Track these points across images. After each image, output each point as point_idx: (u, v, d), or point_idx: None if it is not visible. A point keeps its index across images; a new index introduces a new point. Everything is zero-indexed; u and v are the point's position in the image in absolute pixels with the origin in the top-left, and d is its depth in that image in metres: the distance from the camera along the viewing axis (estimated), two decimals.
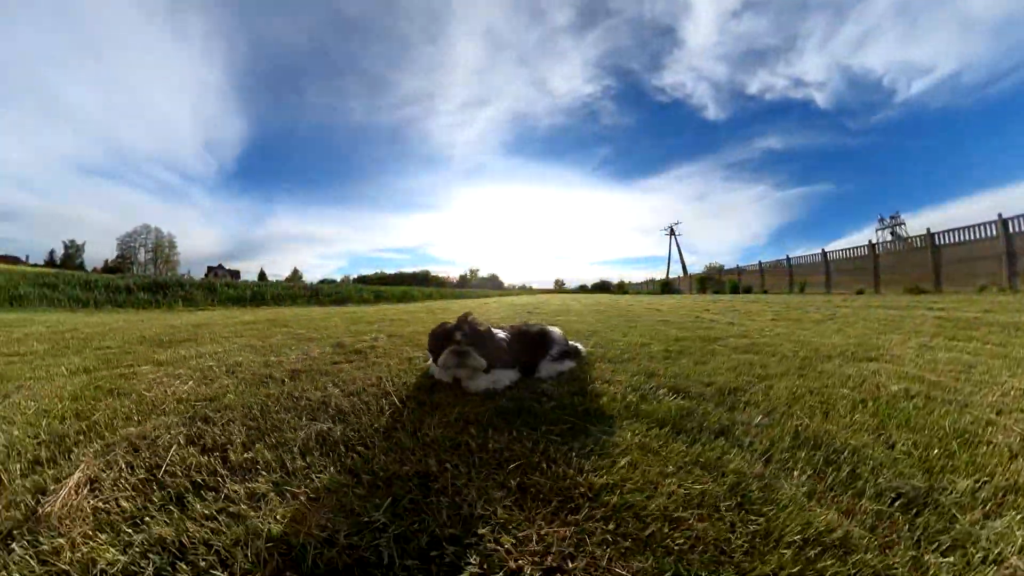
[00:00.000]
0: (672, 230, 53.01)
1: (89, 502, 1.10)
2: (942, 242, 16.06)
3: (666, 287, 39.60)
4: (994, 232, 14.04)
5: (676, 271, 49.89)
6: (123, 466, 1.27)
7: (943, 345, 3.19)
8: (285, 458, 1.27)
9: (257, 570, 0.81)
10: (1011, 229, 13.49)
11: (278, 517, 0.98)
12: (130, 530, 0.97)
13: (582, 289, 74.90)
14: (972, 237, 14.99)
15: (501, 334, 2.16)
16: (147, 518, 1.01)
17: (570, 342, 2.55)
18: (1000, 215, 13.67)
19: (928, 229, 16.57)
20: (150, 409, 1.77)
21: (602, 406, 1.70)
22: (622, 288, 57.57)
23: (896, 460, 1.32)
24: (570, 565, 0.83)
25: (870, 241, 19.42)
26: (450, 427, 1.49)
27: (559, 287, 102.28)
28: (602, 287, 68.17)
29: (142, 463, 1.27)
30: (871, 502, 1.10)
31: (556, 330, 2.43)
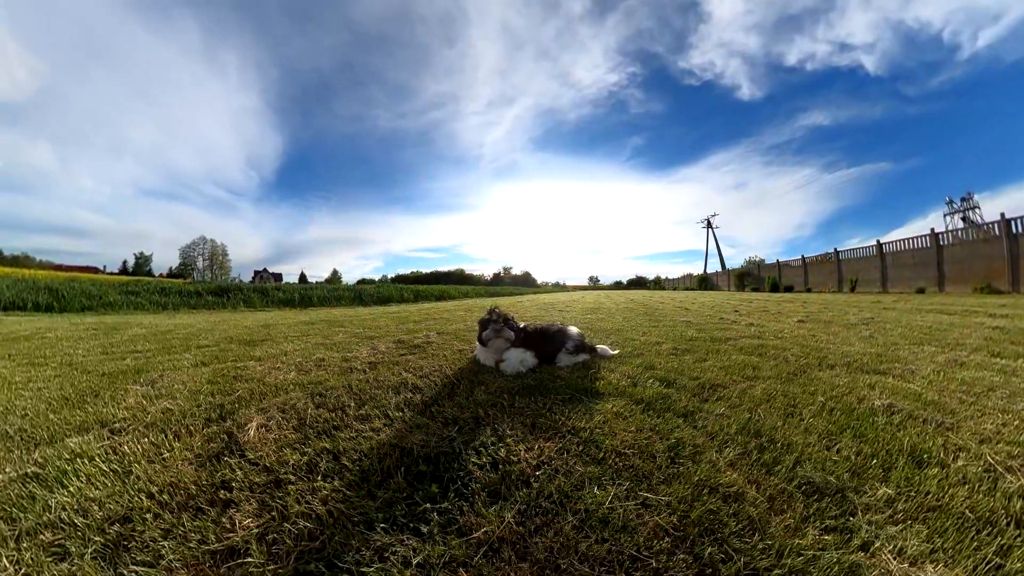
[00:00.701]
0: (709, 223, 51.11)
1: (268, 436, 1.78)
2: (1021, 229, 12.76)
3: (704, 283, 38.88)
4: None
5: (715, 266, 48.56)
6: (280, 419, 1.93)
7: (978, 362, 2.87)
8: (386, 412, 1.94)
9: (388, 459, 1.47)
10: None
11: (392, 436, 1.65)
12: (301, 446, 1.63)
13: (617, 285, 74.41)
14: None
15: (527, 328, 2.89)
16: (309, 440, 1.68)
17: (598, 345, 3.16)
18: None
19: (1002, 214, 13.09)
20: (277, 389, 2.41)
21: (598, 387, 2.27)
22: (658, 284, 56.88)
23: (828, 460, 1.42)
24: (553, 462, 1.45)
25: (932, 229, 16.00)
26: (491, 394, 2.14)
27: (593, 283, 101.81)
28: (638, 283, 67.54)
29: (292, 417, 1.94)
30: (779, 480, 1.29)
31: (573, 328, 3.00)
